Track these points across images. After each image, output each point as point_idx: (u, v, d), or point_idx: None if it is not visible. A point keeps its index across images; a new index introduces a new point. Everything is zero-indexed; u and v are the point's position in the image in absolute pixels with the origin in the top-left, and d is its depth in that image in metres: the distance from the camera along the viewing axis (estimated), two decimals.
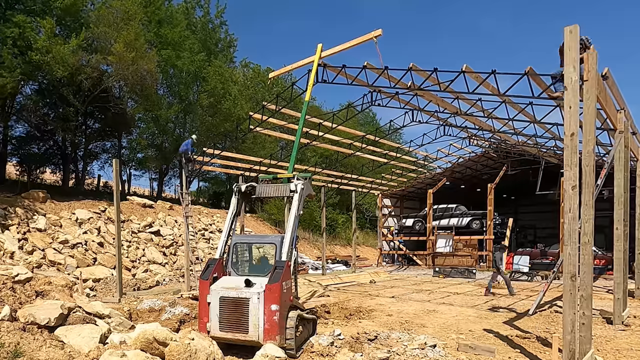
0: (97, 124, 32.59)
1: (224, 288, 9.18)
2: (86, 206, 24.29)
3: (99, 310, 10.65)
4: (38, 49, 22.99)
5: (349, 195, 33.61)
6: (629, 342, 10.25)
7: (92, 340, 8.82)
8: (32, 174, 30.22)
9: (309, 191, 10.84)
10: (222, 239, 10.25)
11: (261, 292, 8.91)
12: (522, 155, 27.13)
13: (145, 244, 24.06)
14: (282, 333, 9.02)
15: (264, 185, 10.89)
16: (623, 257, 12.28)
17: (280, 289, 9.06)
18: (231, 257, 10.20)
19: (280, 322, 8.98)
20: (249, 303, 8.95)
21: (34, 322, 8.85)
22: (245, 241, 10.66)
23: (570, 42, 8.53)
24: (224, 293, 9.12)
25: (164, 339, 8.42)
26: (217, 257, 9.97)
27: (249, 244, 10.63)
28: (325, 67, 14.55)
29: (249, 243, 10.67)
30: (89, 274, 18.83)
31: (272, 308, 8.90)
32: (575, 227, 8.27)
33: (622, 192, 12.28)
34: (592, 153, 8.76)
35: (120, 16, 27.45)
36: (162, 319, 12.88)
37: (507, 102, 14.16)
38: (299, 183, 10.55)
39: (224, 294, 9.12)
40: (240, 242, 10.44)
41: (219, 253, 10.05)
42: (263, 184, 11.11)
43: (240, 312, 9.02)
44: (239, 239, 10.45)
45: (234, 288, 9.15)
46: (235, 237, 10.34)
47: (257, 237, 11.22)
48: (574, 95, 8.50)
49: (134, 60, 26.55)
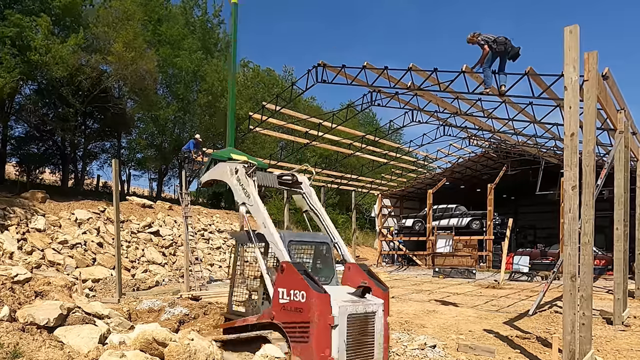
0: (97, 124, 32.53)
1: (348, 302, 7.15)
2: (85, 206, 24.25)
3: (98, 310, 10.62)
4: (36, 48, 22.95)
5: (348, 196, 33.63)
6: (629, 343, 10.24)
7: (92, 341, 8.79)
8: (32, 174, 30.17)
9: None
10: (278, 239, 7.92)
11: (382, 303, 7.53)
12: (522, 156, 27.15)
13: (145, 244, 24.03)
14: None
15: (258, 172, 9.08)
16: (623, 257, 12.27)
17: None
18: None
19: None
20: (374, 318, 7.40)
21: (33, 323, 8.81)
22: (299, 239, 8.73)
23: (570, 42, 8.52)
24: (353, 309, 7.08)
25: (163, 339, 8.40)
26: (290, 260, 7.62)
27: (304, 244, 8.85)
28: (325, 67, 14.54)
29: (305, 242, 8.85)
30: (88, 274, 18.80)
31: (387, 321, 7.65)
32: (575, 228, 8.26)
33: (622, 192, 12.28)
34: (592, 153, 8.76)
35: (119, 16, 27.40)
36: (162, 320, 12.86)
37: (507, 102, 14.15)
38: (304, 177, 9.39)
39: (352, 309, 7.08)
40: (294, 240, 8.49)
41: (286, 254, 7.72)
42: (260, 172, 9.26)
43: (366, 331, 7.32)
44: (291, 237, 8.47)
45: (357, 301, 7.30)
46: (283, 233, 8.25)
47: (308, 236, 9.08)
48: (574, 95, 8.49)
49: (133, 60, 26.51)
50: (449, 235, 30.01)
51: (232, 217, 32.20)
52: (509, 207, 37.44)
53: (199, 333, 10.02)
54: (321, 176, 26.66)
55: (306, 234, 9.25)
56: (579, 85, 8.72)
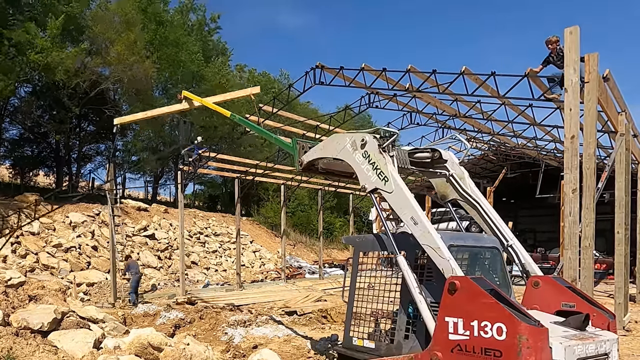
0: (92, 127, 32.38)
1: (571, 339, 4.87)
2: (80, 209, 24.07)
3: (92, 314, 10.53)
4: (39, 52, 22.84)
5: (346, 199, 33.48)
6: (630, 348, 10.16)
7: (86, 345, 8.71)
8: (26, 176, 29.96)
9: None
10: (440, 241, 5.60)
11: (617, 339, 5.34)
12: (522, 158, 27.07)
13: (140, 247, 23.86)
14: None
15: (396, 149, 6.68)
16: (624, 261, 12.21)
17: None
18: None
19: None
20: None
21: (27, 327, 8.73)
22: (462, 242, 6.21)
23: (570, 44, 8.47)
24: (582, 350, 4.80)
25: (158, 343, 8.32)
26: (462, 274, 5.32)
27: (468, 249, 6.34)
28: (323, 68, 14.45)
29: (469, 247, 6.35)
30: (82, 278, 18.62)
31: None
32: (576, 231, 8.21)
33: (623, 195, 12.21)
34: (593, 156, 8.71)
35: (118, 20, 27.28)
36: (157, 324, 12.75)
37: (506, 104, 14.09)
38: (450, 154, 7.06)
39: (582, 351, 4.80)
40: (456, 244, 6.00)
41: (455, 265, 5.39)
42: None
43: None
44: (451, 239, 5.95)
45: (582, 337, 4.98)
46: (442, 235, 5.80)
47: (471, 238, 6.59)
48: (574, 97, 8.44)
49: (132, 64, 26.38)
50: None
51: (228, 221, 32.07)
52: (509, 211, 37.36)
53: (194, 338, 9.92)
54: (318, 179, 26.53)
55: (469, 236, 6.83)
56: (580, 87, 8.67)
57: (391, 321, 6.32)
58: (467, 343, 4.83)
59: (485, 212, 6.72)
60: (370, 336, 6.38)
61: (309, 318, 13.84)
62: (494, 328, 4.64)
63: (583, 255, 8.56)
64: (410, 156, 6.83)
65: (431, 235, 5.59)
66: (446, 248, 5.48)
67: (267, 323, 12.37)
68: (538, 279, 6.07)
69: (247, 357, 9.72)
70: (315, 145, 7.50)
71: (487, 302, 4.74)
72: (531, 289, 6.04)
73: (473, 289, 4.89)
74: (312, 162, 7.40)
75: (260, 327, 11.95)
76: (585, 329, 5.10)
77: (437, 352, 5.06)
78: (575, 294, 5.67)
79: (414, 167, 6.96)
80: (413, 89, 13.82)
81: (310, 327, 12.78)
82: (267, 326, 12.02)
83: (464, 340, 4.85)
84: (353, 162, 6.49)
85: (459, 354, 4.86)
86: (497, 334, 4.60)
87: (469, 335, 4.81)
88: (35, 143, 29.66)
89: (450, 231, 9.14)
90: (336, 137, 6.95)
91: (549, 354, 4.50)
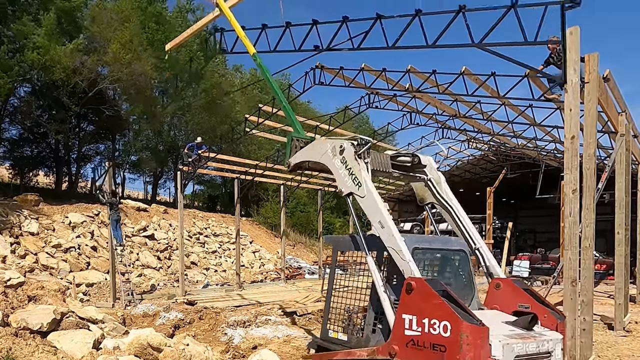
0: (91, 126, 32.36)
1: (512, 337, 5.17)
2: (79, 209, 24.03)
3: (92, 315, 10.51)
4: (36, 49, 22.83)
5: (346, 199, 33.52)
6: (630, 348, 10.14)
7: (85, 346, 8.70)
8: (25, 176, 29.93)
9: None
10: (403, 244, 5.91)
11: (561, 339, 5.62)
12: (522, 159, 27.09)
13: (139, 248, 23.83)
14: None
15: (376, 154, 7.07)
16: (624, 261, 12.19)
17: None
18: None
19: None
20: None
21: (27, 327, 8.72)
22: (428, 245, 6.60)
23: (571, 44, 8.44)
24: (521, 348, 5.10)
25: (158, 344, 8.31)
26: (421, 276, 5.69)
27: (434, 251, 6.78)
28: (323, 69, 14.44)
29: (435, 249, 6.76)
30: (82, 279, 18.59)
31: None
32: (576, 232, 8.18)
33: (623, 195, 12.19)
34: (593, 156, 8.69)
35: (115, 17, 27.25)
36: (157, 324, 12.75)
37: (506, 104, 14.10)
38: (429, 158, 7.41)
39: (521, 349, 5.10)
40: (421, 246, 6.38)
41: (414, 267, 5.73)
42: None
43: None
44: (416, 242, 6.32)
45: (525, 336, 5.28)
46: (408, 239, 6.16)
47: (438, 241, 6.94)
48: (574, 98, 8.41)
49: (129, 61, 26.36)
50: None
51: (228, 221, 32.04)
52: (509, 211, 37.40)
53: (194, 338, 9.91)
54: (318, 179, 26.51)
55: (436, 239, 7.14)
56: (580, 87, 8.65)
57: (362, 316, 6.64)
58: (419, 338, 5.23)
59: (457, 216, 7.07)
60: (344, 330, 6.78)
61: (309, 318, 13.84)
62: (441, 326, 5.03)
63: (583, 255, 8.55)
64: (392, 160, 7.13)
65: (394, 238, 5.90)
66: (407, 251, 5.79)
67: (266, 323, 12.36)
68: (499, 281, 6.40)
69: (246, 357, 9.72)
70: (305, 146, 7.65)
71: (436, 302, 5.13)
72: (493, 291, 6.38)
73: (426, 289, 5.27)
74: (299, 163, 7.64)
75: (259, 328, 11.94)
76: (532, 329, 5.41)
77: (394, 345, 5.49)
78: (531, 296, 5.99)
79: (396, 170, 7.23)
80: (413, 89, 13.82)
81: (310, 328, 12.77)
82: (267, 327, 12.01)
83: (417, 335, 5.26)
84: (332, 167, 6.78)
85: (413, 348, 5.28)
86: (443, 331, 5.00)
87: (421, 331, 5.22)
88: (35, 143, 29.62)
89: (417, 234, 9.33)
90: (319, 142, 7.27)
91: (488, 351, 4.86)
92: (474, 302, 6.53)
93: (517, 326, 5.44)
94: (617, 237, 12.29)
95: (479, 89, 12.29)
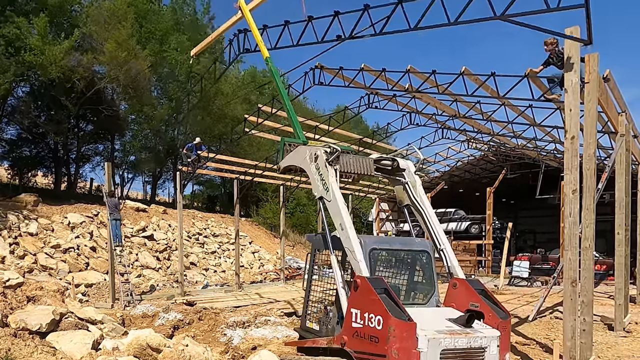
0: (90, 126, 32.33)
1: (442, 333, 5.61)
2: (78, 210, 24.01)
3: (91, 315, 10.49)
4: (32, 49, 22.78)
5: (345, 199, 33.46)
6: (630, 349, 10.13)
7: (85, 347, 8.68)
8: (24, 177, 29.90)
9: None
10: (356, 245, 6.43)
11: (498, 336, 5.93)
12: (522, 159, 27.06)
13: (139, 248, 23.81)
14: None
15: (347, 156, 7.43)
16: (624, 262, 12.17)
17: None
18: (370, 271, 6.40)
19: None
20: (484, 355, 5.80)
21: (25, 328, 8.70)
22: (385, 246, 7.14)
23: (571, 44, 8.42)
24: (449, 342, 5.54)
25: (157, 345, 8.29)
26: (369, 275, 6.21)
27: (393, 252, 7.32)
28: (322, 69, 14.41)
29: (392, 250, 7.29)
30: (81, 279, 18.58)
31: (506, 359, 6.11)
32: (576, 232, 8.17)
33: (623, 196, 12.17)
34: (593, 156, 8.68)
35: (110, 16, 27.18)
36: (156, 325, 12.72)
37: (506, 104, 14.06)
38: (409, 163, 7.81)
39: (449, 343, 5.53)
40: (379, 247, 6.89)
41: (363, 267, 6.24)
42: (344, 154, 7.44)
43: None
44: (375, 243, 6.83)
45: (458, 332, 5.72)
46: (365, 239, 6.69)
47: (398, 242, 7.64)
48: (574, 98, 8.40)
49: (125, 60, 26.31)
50: (448, 239, 29.68)
51: (227, 221, 32.02)
52: (509, 211, 37.35)
53: (193, 339, 9.88)
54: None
55: (397, 240, 7.93)
56: (580, 88, 8.63)
57: (332, 309, 7.17)
58: (361, 330, 5.86)
59: (427, 218, 7.54)
60: (318, 321, 7.45)
61: None
62: (376, 320, 5.66)
63: (583, 256, 8.53)
64: (376, 163, 7.64)
65: (350, 240, 6.45)
66: (360, 251, 6.32)
67: (266, 324, 12.33)
68: (457, 281, 6.85)
69: (246, 358, 9.70)
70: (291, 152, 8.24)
71: (374, 298, 5.71)
72: (451, 290, 6.86)
73: (367, 287, 5.84)
74: (288, 166, 8.27)
75: (259, 328, 11.92)
76: (471, 326, 5.87)
77: (344, 336, 6.14)
78: (482, 296, 6.45)
79: (379, 172, 7.76)
80: (412, 89, 13.79)
81: None
82: (266, 327, 11.99)
83: (360, 328, 5.88)
84: (309, 172, 7.38)
85: (357, 338, 5.92)
86: (377, 325, 5.63)
87: (363, 324, 5.85)
88: (34, 143, 29.63)
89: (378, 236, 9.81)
90: (302, 148, 7.83)
91: (414, 344, 5.38)
92: (432, 300, 7.02)
93: (456, 323, 5.91)
94: (617, 238, 12.27)
95: (479, 89, 12.25)
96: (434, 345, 5.42)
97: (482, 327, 6.00)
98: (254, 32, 11.40)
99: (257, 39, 11.34)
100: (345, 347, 6.10)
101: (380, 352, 5.55)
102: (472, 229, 30.73)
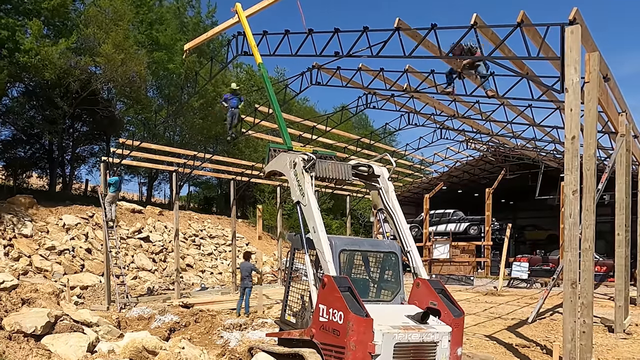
0: (85, 127, 32.16)
1: (397, 329, 6.19)
2: (73, 211, 23.86)
3: (86, 318, 10.40)
4: (26, 50, 22.62)
5: (343, 201, 33.38)
6: (630, 351, 10.08)
7: (80, 349, 8.61)
8: (18, 178, 29.69)
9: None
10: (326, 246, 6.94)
11: (450, 332, 6.50)
12: (521, 159, 27.04)
13: (134, 250, 23.67)
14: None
15: (325, 162, 7.87)
16: (625, 263, 12.11)
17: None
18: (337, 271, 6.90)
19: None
20: (435, 350, 6.37)
21: (20, 331, 8.62)
22: (354, 247, 7.67)
23: (571, 43, 8.37)
24: (403, 337, 6.13)
25: (153, 347, 8.21)
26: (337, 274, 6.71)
27: (360, 253, 7.80)
28: (320, 68, 14.35)
29: (360, 251, 7.80)
30: (76, 281, 18.43)
31: (457, 353, 6.61)
32: (576, 233, 8.11)
33: (623, 196, 12.12)
34: (593, 157, 8.62)
35: (109, 17, 27.05)
36: (152, 328, 12.62)
37: (505, 104, 14.02)
38: (383, 169, 8.24)
39: (402, 338, 6.13)
40: (348, 249, 7.48)
41: (331, 267, 6.76)
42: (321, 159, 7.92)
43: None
44: (344, 245, 7.40)
45: (411, 328, 6.30)
46: (336, 240, 7.23)
47: (367, 243, 8.10)
48: (575, 98, 8.34)
49: (122, 61, 26.17)
50: (447, 241, 29.59)
51: (223, 223, 31.90)
52: (508, 212, 37.26)
53: (190, 341, 9.79)
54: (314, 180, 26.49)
55: (366, 241, 8.36)
56: (580, 87, 8.58)
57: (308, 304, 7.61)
58: (326, 324, 6.40)
59: (397, 222, 7.99)
60: (294, 314, 7.99)
61: None
62: (338, 315, 6.20)
63: (583, 257, 8.47)
64: (354, 169, 8.06)
65: (320, 241, 6.94)
66: (329, 252, 6.80)
67: (263, 326, 12.23)
68: (419, 281, 7.34)
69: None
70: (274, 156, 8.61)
71: (337, 295, 6.22)
72: (415, 289, 7.35)
73: (332, 285, 6.35)
74: (272, 171, 8.63)
75: (256, 331, 11.82)
76: (426, 322, 6.41)
77: (313, 329, 6.67)
78: (440, 295, 6.98)
79: (357, 178, 8.20)
80: (411, 89, 13.75)
81: None
82: (264, 329, 11.89)
83: (326, 322, 6.40)
84: (289, 178, 7.83)
85: (323, 331, 6.46)
86: (339, 320, 6.17)
87: (328, 318, 6.38)
88: (28, 144, 29.43)
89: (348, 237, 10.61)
90: (283, 155, 8.19)
91: (370, 337, 5.94)
92: (397, 297, 7.54)
93: (412, 319, 6.47)
94: (617, 239, 12.21)
95: (478, 89, 12.20)
96: (388, 339, 6.00)
97: (436, 323, 6.55)
98: (249, 37, 11.82)
99: (251, 44, 11.73)
100: (313, 339, 6.66)
101: (340, 344, 6.13)
102: (471, 230, 30.68)
